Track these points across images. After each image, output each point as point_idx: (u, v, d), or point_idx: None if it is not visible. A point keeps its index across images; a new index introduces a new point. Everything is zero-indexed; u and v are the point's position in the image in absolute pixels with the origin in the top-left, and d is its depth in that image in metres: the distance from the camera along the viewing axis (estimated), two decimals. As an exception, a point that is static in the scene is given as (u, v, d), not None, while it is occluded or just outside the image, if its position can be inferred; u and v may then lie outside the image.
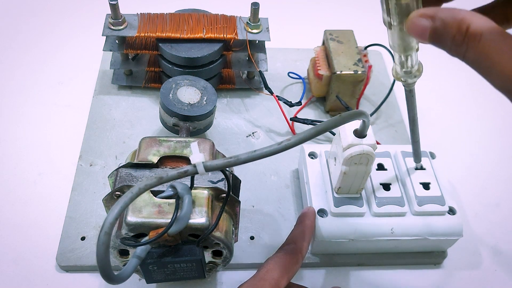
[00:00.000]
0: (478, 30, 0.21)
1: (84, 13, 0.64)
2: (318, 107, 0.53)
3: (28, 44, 0.59)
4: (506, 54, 0.21)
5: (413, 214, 0.39)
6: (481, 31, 0.21)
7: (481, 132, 0.53)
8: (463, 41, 0.22)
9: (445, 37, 0.23)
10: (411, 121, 0.35)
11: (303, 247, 0.36)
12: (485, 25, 0.21)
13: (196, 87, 0.44)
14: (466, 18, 0.22)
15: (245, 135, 0.50)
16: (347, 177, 0.37)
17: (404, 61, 0.29)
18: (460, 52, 0.22)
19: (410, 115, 0.35)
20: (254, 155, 0.27)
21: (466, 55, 0.22)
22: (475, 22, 0.22)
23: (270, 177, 0.46)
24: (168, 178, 0.27)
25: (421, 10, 0.24)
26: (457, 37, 0.22)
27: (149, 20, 0.48)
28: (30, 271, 0.39)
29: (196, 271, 0.33)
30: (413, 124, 0.36)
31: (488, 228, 0.45)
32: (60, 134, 0.49)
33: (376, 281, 0.41)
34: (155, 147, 0.35)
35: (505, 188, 0.48)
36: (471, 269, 0.42)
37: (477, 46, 0.21)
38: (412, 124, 0.36)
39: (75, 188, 0.44)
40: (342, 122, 0.29)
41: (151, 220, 0.30)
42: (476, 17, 0.22)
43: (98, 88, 0.53)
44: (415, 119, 0.35)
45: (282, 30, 0.57)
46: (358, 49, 0.49)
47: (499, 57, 0.21)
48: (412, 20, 0.24)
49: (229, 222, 0.34)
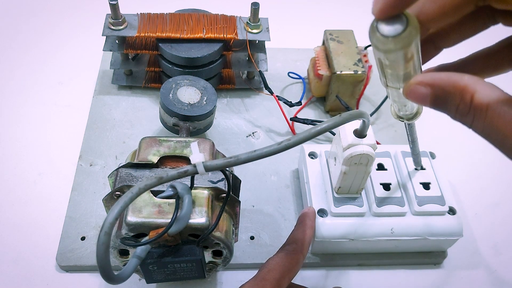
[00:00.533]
0: (484, 101, 0.20)
1: (84, 13, 0.64)
2: (318, 107, 0.53)
3: (28, 44, 0.59)
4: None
5: (413, 214, 0.39)
6: (487, 102, 0.20)
7: (481, 132, 0.53)
8: (468, 112, 0.20)
9: (449, 105, 0.21)
10: (411, 142, 0.36)
11: (304, 247, 0.36)
12: (492, 95, 0.20)
13: (196, 87, 0.44)
14: (470, 86, 0.20)
15: (245, 135, 0.50)
16: (347, 177, 0.37)
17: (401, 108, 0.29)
18: (467, 122, 0.21)
19: (410, 138, 0.36)
20: (254, 155, 0.27)
21: (474, 125, 0.21)
22: (479, 91, 0.20)
23: (270, 177, 0.46)
24: (168, 178, 0.27)
25: (419, 77, 0.22)
26: (461, 107, 0.21)
27: (149, 20, 0.48)
28: (30, 271, 0.39)
29: (196, 271, 0.33)
30: (414, 144, 0.37)
31: (488, 228, 0.45)
32: (60, 134, 0.49)
33: (376, 281, 0.41)
34: (155, 147, 0.35)
35: (505, 188, 0.48)
36: (471, 269, 0.42)
37: (485, 118, 0.20)
38: (413, 144, 0.37)
39: (75, 188, 0.44)
40: (342, 122, 0.29)
41: (151, 220, 0.30)
42: (481, 85, 0.20)
43: (98, 88, 0.53)
44: (415, 141, 0.36)
45: (282, 30, 0.57)
46: (358, 49, 0.49)
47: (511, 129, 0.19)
48: (409, 87, 0.22)
49: (229, 222, 0.34)
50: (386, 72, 0.24)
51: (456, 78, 0.21)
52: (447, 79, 0.21)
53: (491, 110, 0.20)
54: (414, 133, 0.35)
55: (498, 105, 0.19)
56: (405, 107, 0.29)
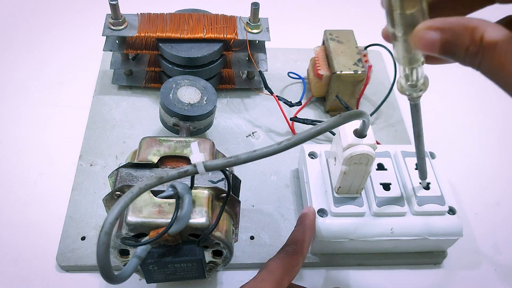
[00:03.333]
0: (493, 39, 0.20)
1: (84, 13, 0.64)
2: (318, 107, 0.53)
3: (28, 44, 0.59)
4: None
5: (413, 214, 0.39)
6: (496, 40, 0.20)
7: (481, 132, 0.53)
8: (477, 52, 0.21)
9: (458, 48, 0.21)
10: (416, 137, 0.34)
11: (303, 248, 0.36)
12: (500, 34, 0.20)
13: (196, 87, 0.44)
14: (480, 27, 0.20)
15: (245, 135, 0.50)
16: (347, 177, 0.37)
17: (409, 74, 0.28)
18: (475, 63, 0.21)
19: (415, 130, 0.33)
20: (254, 155, 0.27)
21: (481, 65, 0.21)
22: (489, 31, 0.20)
23: (270, 177, 0.46)
24: (168, 178, 0.27)
25: (428, 22, 0.22)
26: (471, 48, 0.21)
27: (149, 20, 0.48)
28: (30, 271, 0.39)
29: (196, 271, 0.33)
30: (418, 140, 0.34)
31: (488, 228, 0.45)
32: (60, 134, 0.49)
33: (376, 281, 0.41)
34: (155, 147, 0.35)
35: (505, 188, 0.48)
36: (471, 269, 0.42)
37: (493, 56, 0.20)
38: (417, 140, 0.34)
39: (75, 188, 0.44)
40: (342, 122, 0.29)
41: (151, 220, 0.30)
42: (490, 26, 0.20)
43: (98, 88, 0.53)
44: (420, 135, 0.34)
45: (282, 30, 0.57)
46: (358, 49, 0.49)
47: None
48: (418, 33, 0.22)
49: (229, 222, 0.34)
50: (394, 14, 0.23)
51: (466, 20, 0.21)
52: (456, 22, 0.21)
53: (499, 48, 0.20)
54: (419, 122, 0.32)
55: (505, 43, 0.20)
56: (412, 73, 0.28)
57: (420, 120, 0.32)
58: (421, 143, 0.35)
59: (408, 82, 0.28)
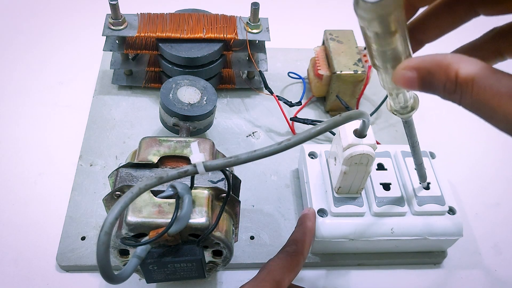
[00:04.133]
0: (469, 75, 0.20)
1: (84, 13, 0.64)
2: (318, 107, 0.53)
3: (28, 44, 0.59)
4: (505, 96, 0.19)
5: (413, 214, 0.39)
6: (472, 75, 0.20)
7: (481, 132, 0.53)
8: (455, 89, 0.20)
9: (436, 86, 0.21)
10: (411, 147, 0.34)
11: (304, 248, 0.36)
12: (475, 68, 0.20)
13: (196, 87, 0.44)
14: (453, 64, 0.20)
15: (245, 135, 0.50)
16: (347, 177, 0.37)
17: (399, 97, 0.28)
18: (456, 99, 0.21)
19: (410, 141, 0.34)
20: (254, 155, 0.27)
21: (462, 101, 0.21)
22: (463, 67, 0.20)
23: (270, 177, 0.46)
24: (168, 178, 0.27)
25: (404, 62, 0.22)
26: (448, 85, 0.21)
27: (149, 20, 0.48)
28: (30, 271, 0.39)
29: (196, 271, 0.33)
30: (414, 150, 0.35)
31: (488, 228, 0.45)
32: (60, 134, 0.49)
33: (376, 281, 0.41)
34: (155, 147, 0.35)
35: (505, 188, 0.48)
36: (471, 269, 0.42)
37: (471, 92, 0.20)
38: (413, 150, 0.35)
39: (75, 188, 0.44)
40: (342, 122, 0.29)
41: (151, 220, 0.30)
42: (463, 61, 0.20)
43: (98, 88, 0.53)
44: (415, 145, 0.34)
45: (282, 30, 0.57)
46: (358, 49, 0.49)
47: (498, 101, 0.19)
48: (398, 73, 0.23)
49: (229, 222, 0.34)
50: (372, 48, 0.24)
51: (439, 57, 0.21)
52: (430, 60, 0.21)
53: (477, 84, 0.20)
54: (413, 135, 0.33)
55: (483, 79, 0.19)
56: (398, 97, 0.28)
57: (414, 133, 0.33)
58: (417, 151, 0.35)
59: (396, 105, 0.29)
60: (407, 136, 0.33)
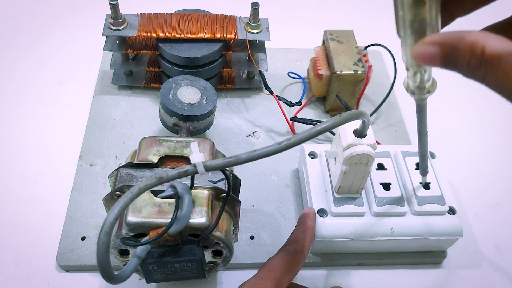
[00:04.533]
0: (495, 52, 0.19)
1: (84, 13, 0.64)
2: (318, 107, 0.53)
3: (28, 44, 0.59)
4: None
5: (413, 214, 0.39)
6: (499, 53, 0.19)
7: (481, 132, 0.53)
8: (480, 66, 0.20)
9: (459, 62, 0.21)
10: (419, 135, 0.34)
11: (304, 247, 0.36)
12: (503, 46, 0.19)
13: (196, 87, 0.44)
14: (479, 40, 0.20)
15: (245, 135, 0.50)
16: (347, 176, 0.37)
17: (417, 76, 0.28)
18: (479, 77, 0.21)
19: (418, 128, 0.33)
20: (254, 155, 0.27)
21: (486, 79, 0.20)
22: (489, 43, 0.20)
23: (270, 177, 0.46)
24: (168, 178, 0.27)
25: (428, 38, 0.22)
26: (472, 62, 0.20)
27: (149, 20, 0.48)
28: (30, 271, 0.39)
29: (196, 271, 0.33)
30: (420, 139, 0.34)
31: (488, 228, 0.45)
32: (60, 134, 0.49)
33: (376, 281, 0.41)
34: (155, 147, 0.35)
35: (505, 188, 0.48)
36: (471, 269, 0.42)
37: (497, 70, 0.19)
38: (419, 139, 0.34)
39: (75, 188, 0.44)
40: (342, 122, 0.29)
41: (151, 220, 0.30)
42: (490, 38, 0.20)
43: (98, 88, 0.53)
44: (423, 134, 0.33)
45: (282, 30, 0.57)
46: (358, 49, 0.49)
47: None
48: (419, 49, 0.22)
49: (229, 222, 0.34)
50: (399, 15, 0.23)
51: (465, 33, 0.21)
52: (456, 36, 0.21)
53: (503, 62, 0.19)
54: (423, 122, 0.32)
55: (510, 57, 0.19)
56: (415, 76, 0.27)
57: (424, 120, 0.32)
58: (423, 141, 0.34)
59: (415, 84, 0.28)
60: (417, 122, 0.32)
